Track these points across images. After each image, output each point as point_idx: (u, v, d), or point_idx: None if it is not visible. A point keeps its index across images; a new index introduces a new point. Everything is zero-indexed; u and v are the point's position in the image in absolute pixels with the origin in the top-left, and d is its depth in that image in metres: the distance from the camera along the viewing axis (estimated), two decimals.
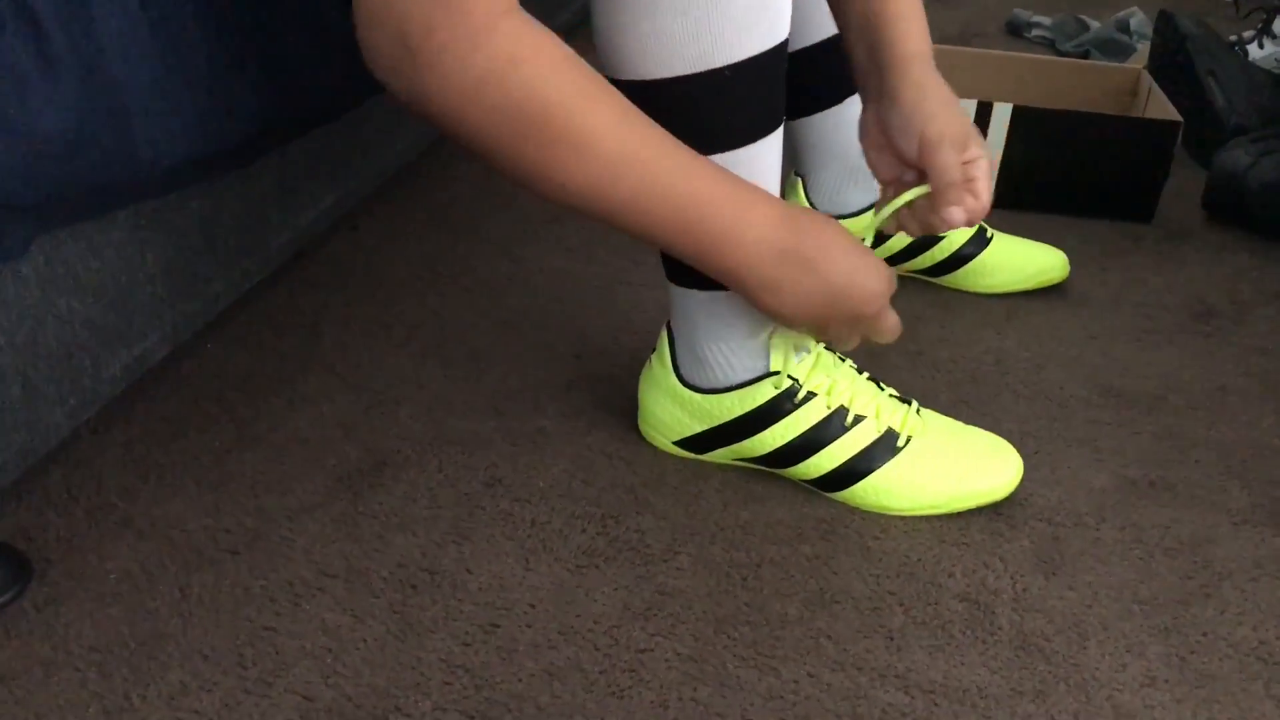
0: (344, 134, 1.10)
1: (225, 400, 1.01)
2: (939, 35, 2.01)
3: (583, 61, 0.72)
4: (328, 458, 0.95)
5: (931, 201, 0.87)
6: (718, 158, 0.81)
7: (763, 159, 0.84)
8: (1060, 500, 0.96)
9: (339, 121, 1.05)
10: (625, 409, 1.02)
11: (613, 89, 0.73)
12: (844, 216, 1.21)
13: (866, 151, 0.93)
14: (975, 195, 0.85)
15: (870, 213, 1.20)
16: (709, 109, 0.80)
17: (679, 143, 0.75)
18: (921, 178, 0.88)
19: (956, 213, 0.85)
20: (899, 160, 0.90)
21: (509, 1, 0.68)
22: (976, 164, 0.86)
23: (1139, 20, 1.93)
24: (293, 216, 1.03)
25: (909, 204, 0.89)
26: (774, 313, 0.82)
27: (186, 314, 0.93)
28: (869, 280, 0.82)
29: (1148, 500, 0.96)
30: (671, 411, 0.96)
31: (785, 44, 0.81)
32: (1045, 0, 2.22)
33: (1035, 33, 2.01)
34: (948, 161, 0.85)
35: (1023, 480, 0.96)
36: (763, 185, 0.84)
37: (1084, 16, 2.01)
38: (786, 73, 1.16)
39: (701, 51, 0.77)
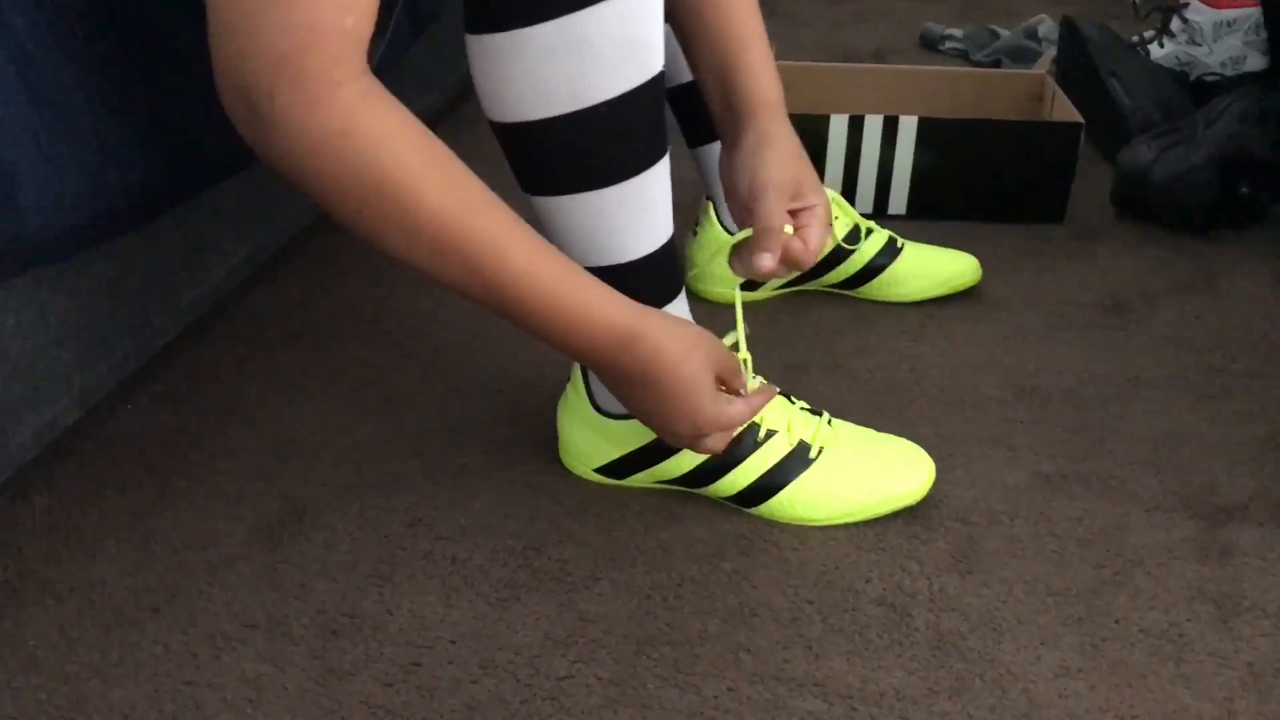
0: (254, 187, 1.11)
1: (146, 459, 1.01)
2: (854, 53, 2.05)
3: (423, 135, 0.71)
4: (248, 509, 0.96)
5: (750, 246, 0.88)
6: (604, 192, 0.83)
7: (650, 189, 0.85)
8: (975, 500, 0.97)
9: (248, 175, 1.06)
10: (547, 441, 1.02)
11: (453, 167, 0.73)
12: None
13: (725, 194, 0.95)
14: (805, 241, 0.88)
15: None
16: (588, 146, 0.81)
17: (522, 231, 0.75)
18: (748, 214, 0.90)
19: (765, 259, 0.86)
20: (742, 204, 0.92)
21: (350, 71, 0.68)
22: (811, 211, 0.89)
23: (1047, 27, 1.98)
24: (203, 272, 1.03)
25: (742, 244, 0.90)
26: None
27: (97, 376, 0.93)
28: (689, 418, 0.83)
29: (1061, 494, 0.98)
30: (589, 439, 0.97)
31: (661, 76, 0.83)
32: (958, 12, 2.26)
33: (948, 45, 2.05)
34: (767, 209, 0.87)
35: (939, 483, 0.98)
36: (650, 218, 0.86)
37: (994, 26, 2.05)
38: (687, 101, 1.19)
39: (575, 91, 0.79)
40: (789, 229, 0.88)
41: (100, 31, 0.81)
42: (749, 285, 1.25)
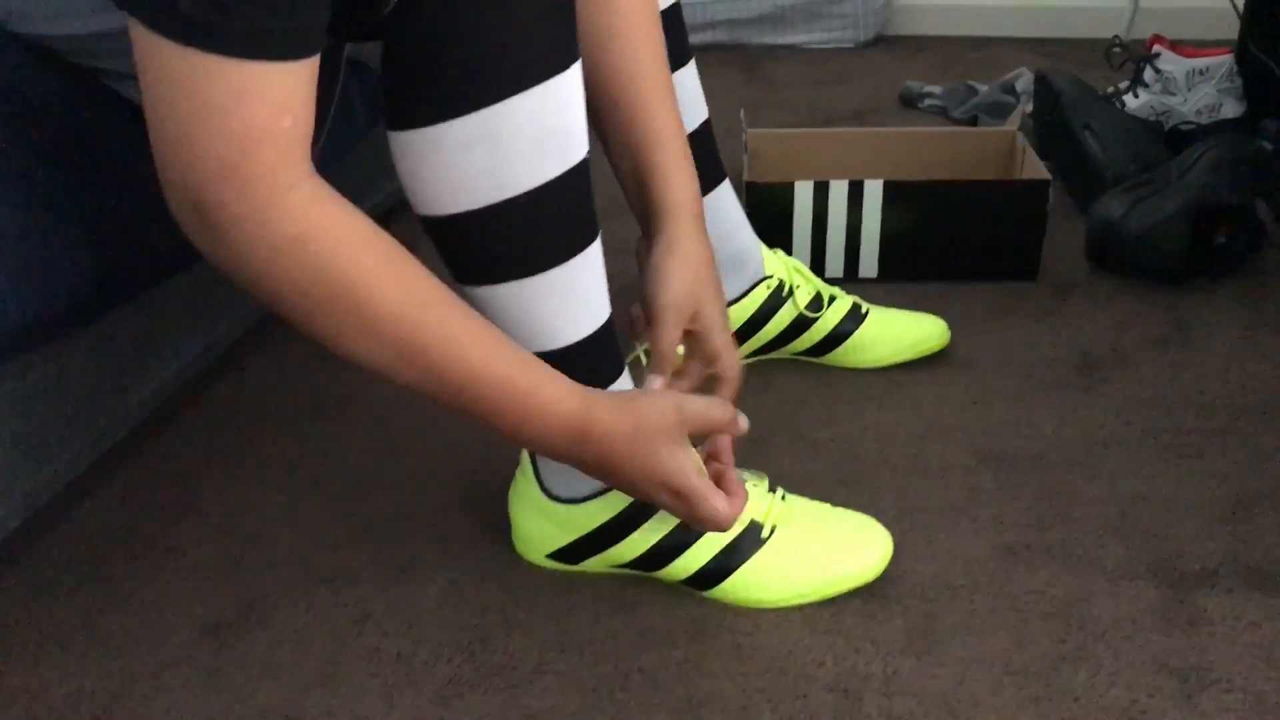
0: (207, 279, 1.11)
1: (98, 560, 1.00)
2: (835, 114, 2.05)
3: (378, 235, 0.73)
4: (196, 608, 0.95)
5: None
6: (532, 280, 0.82)
7: (580, 275, 0.85)
8: (935, 574, 0.95)
9: (200, 268, 1.06)
10: (502, 527, 1.01)
11: (408, 266, 0.74)
12: None
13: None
14: (711, 354, 0.94)
15: (741, 301, 1.21)
16: (513, 236, 0.81)
17: (476, 327, 0.76)
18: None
19: (654, 381, 0.89)
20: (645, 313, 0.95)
21: (296, 173, 0.69)
22: (720, 384, 0.95)
23: (1025, 81, 1.97)
24: (155, 369, 1.03)
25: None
26: None
27: (40, 480, 0.93)
28: (665, 490, 0.83)
29: (1023, 565, 0.96)
30: (540, 525, 0.96)
31: (584, 164, 0.82)
32: (939, 68, 2.27)
33: (928, 103, 2.05)
34: (662, 335, 0.91)
35: (898, 556, 0.96)
36: (584, 303, 0.85)
37: (973, 83, 2.05)
38: None
39: (494, 184, 0.78)
40: (681, 350, 0.93)
41: (25, 132, 0.82)
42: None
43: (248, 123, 0.66)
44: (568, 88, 0.79)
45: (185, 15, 0.62)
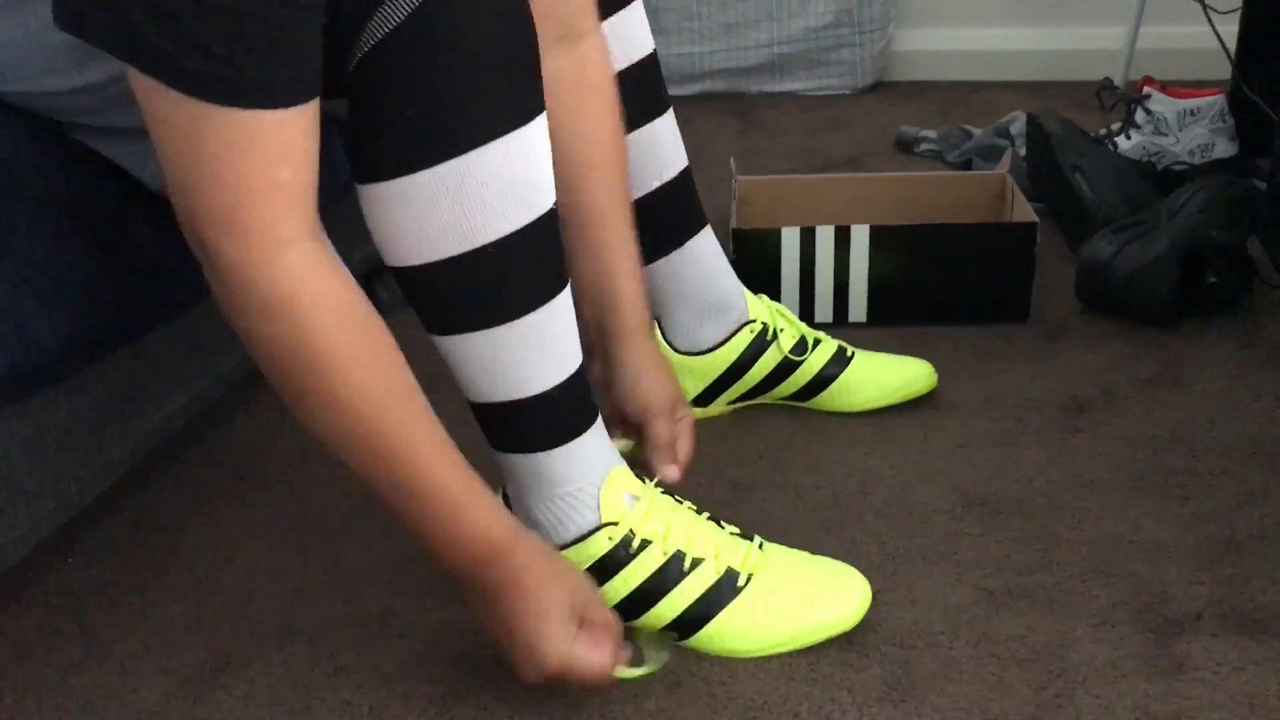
0: (190, 334, 1.12)
1: (79, 613, 1.01)
2: (830, 159, 2.06)
3: (364, 314, 0.75)
4: (172, 662, 0.94)
5: (647, 458, 1.01)
6: (500, 330, 0.83)
7: (549, 324, 0.85)
8: (914, 621, 0.94)
9: (182, 324, 1.07)
10: None
11: (384, 353, 0.76)
12: (701, 353, 1.22)
13: (605, 397, 1.02)
14: (678, 452, 1.01)
15: (725, 346, 1.21)
16: (480, 286, 0.82)
17: (433, 429, 0.79)
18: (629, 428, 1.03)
19: (671, 470, 0.99)
20: (617, 410, 1.03)
21: (297, 229, 0.70)
22: (682, 424, 1.02)
23: (1019, 124, 1.97)
24: (136, 424, 1.04)
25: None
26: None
27: (14, 536, 0.93)
28: (534, 645, 0.82)
29: (1005, 610, 0.95)
30: None
31: (552, 213, 0.83)
32: (936, 112, 2.27)
33: (923, 147, 2.06)
34: (657, 432, 1.00)
35: (878, 604, 0.95)
36: (554, 352, 0.85)
37: (968, 126, 2.06)
38: (640, 217, 1.18)
39: (460, 234, 0.79)
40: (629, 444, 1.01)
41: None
42: (699, 401, 1.23)
43: (244, 174, 0.67)
44: (531, 139, 0.80)
45: (176, 63, 0.64)
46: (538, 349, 0.85)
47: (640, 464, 0.98)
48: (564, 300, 0.86)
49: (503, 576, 0.82)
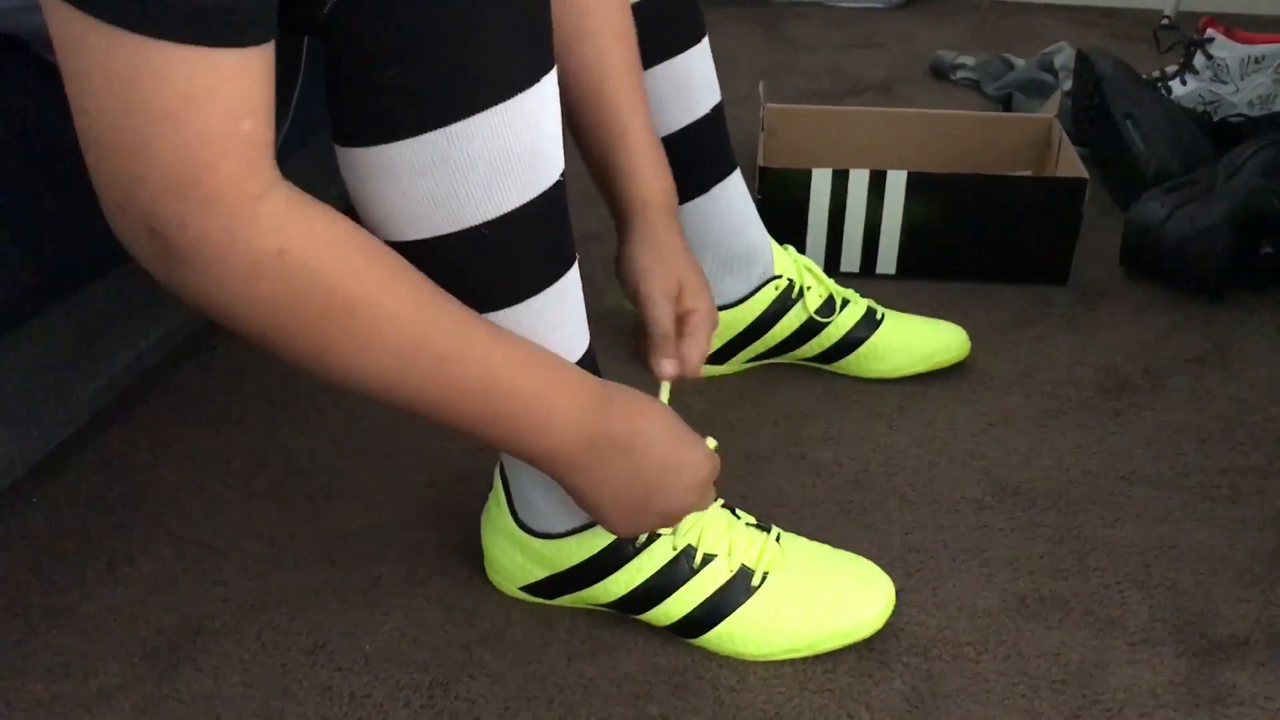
0: None
1: (39, 567, 0.94)
2: (861, 83, 1.94)
3: (364, 235, 0.64)
4: (139, 628, 0.88)
5: (644, 352, 0.89)
6: (497, 315, 0.73)
7: (551, 309, 0.75)
8: (939, 628, 0.87)
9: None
10: (474, 548, 0.93)
11: (396, 264, 0.65)
12: (722, 308, 1.13)
13: (619, 283, 0.93)
14: (684, 353, 0.87)
15: (748, 301, 1.12)
16: (472, 268, 0.71)
17: (478, 321, 0.69)
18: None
19: (667, 365, 0.86)
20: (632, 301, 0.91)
21: (264, 181, 0.59)
22: (690, 318, 0.88)
23: (1064, 56, 1.86)
24: (103, 363, 0.95)
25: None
26: (585, 501, 0.77)
27: None
28: (686, 472, 0.77)
29: (1037, 621, 0.88)
30: (513, 556, 0.88)
31: (558, 187, 0.73)
32: (973, 34, 2.15)
33: (960, 75, 1.94)
34: (656, 315, 0.87)
35: (901, 605, 0.88)
36: (559, 337, 0.76)
37: (1009, 55, 1.94)
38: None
39: (451, 212, 0.69)
40: (666, 395, 0.88)
41: None
42: (715, 358, 1.15)
43: (205, 128, 0.56)
44: (536, 104, 0.69)
45: None
46: (540, 336, 0.75)
47: (640, 359, 0.89)
48: (570, 282, 0.77)
49: (620, 423, 0.74)
